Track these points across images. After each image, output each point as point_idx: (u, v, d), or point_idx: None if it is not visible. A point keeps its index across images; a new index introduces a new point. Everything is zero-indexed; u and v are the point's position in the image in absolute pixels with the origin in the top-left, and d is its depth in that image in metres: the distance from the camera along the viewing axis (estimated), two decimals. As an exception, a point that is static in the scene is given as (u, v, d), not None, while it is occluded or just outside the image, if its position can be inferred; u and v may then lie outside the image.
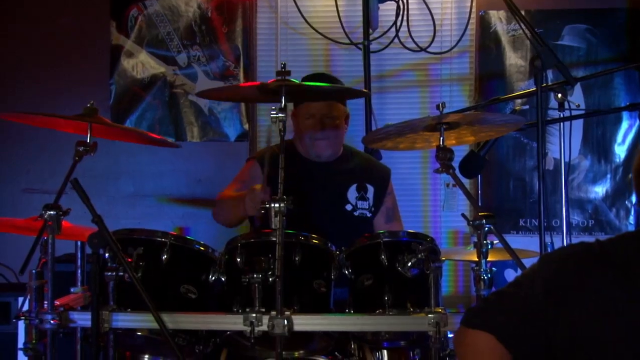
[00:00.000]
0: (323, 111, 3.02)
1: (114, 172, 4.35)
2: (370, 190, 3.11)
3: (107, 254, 2.18)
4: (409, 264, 2.30)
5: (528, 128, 2.90)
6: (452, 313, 2.20)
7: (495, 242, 2.35)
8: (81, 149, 2.35)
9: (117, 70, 4.35)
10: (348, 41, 4.26)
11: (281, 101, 2.23)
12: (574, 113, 2.94)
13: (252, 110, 4.36)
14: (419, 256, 2.28)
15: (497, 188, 4.32)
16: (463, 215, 2.25)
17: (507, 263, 3.54)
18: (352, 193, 3.08)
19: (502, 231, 2.35)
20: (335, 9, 4.24)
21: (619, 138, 4.28)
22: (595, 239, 1.66)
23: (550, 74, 3.60)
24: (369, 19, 3.99)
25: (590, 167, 4.29)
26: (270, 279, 2.13)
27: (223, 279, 2.38)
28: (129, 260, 2.20)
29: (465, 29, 4.28)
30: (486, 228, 2.14)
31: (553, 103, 2.92)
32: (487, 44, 4.31)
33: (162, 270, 2.33)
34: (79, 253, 2.54)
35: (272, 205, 2.09)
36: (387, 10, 4.23)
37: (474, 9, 4.30)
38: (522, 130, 3.33)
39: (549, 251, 2.58)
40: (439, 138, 2.33)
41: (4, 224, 2.67)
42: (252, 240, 2.39)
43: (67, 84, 4.32)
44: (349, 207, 3.07)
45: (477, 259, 2.16)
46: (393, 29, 4.25)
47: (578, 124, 4.20)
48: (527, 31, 2.71)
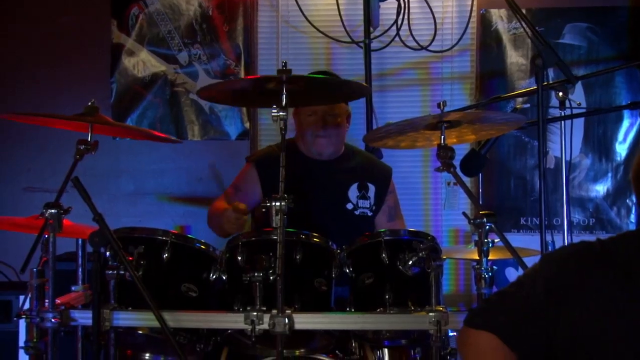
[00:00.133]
0: (325, 109, 3.02)
1: (115, 171, 4.35)
2: (371, 189, 3.11)
3: (108, 253, 2.19)
4: (410, 263, 2.30)
5: (529, 126, 2.90)
6: (453, 312, 2.20)
7: (496, 241, 2.35)
8: (82, 148, 2.35)
9: (118, 68, 4.35)
10: (349, 40, 4.25)
11: (282, 100, 2.22)
12: (575, 111, 2.94)
13: (253, 108, 4.36)
14: (420, 255, 2.27)
15: (498, 186, 4.32)
16: (464, 213, 2.24)
17: (508, 262, 3.53)
18: (353, 192, 3.08)
19: (503, 230, 2.35)
20: (336, 8, 4.23)
21: (620, 136, 4.28)
22: (596, 238, 1.67)
23: (551, 73, 3.60)
24: (370, 18, 3.99)
25: (591, 166, 4.29)
26: (271, 278, 2.12)
27: (224, 278, 2.38)
28: (130, 258, 2.20)
29: (466, 28, 4.28)
30: (487, 226, 2.14)
31: (554, 101, 2.91)
32: (488, 43, 4.31)
33: (163, 268, 2.32)
34: (80, 251, 2.55)
35: (273, 203, 2.09)
36: (388, 8, 4.23)
37: (475, 8, 4.29)
38: (523, 128, 3.33)
39: (550, 250, 2.58)
40: (440, 136, 2.33)
41: (5, 223, 2.66)
42: (253, 238, 2.39)
43: (68, 83, 4.32)
44: (350, 206, 3.06)
45: (478, 258, 2.16)
46: (394, 28, 4.25)
47: (579, 123, 4.20)
48: (528, 29, 2.70)
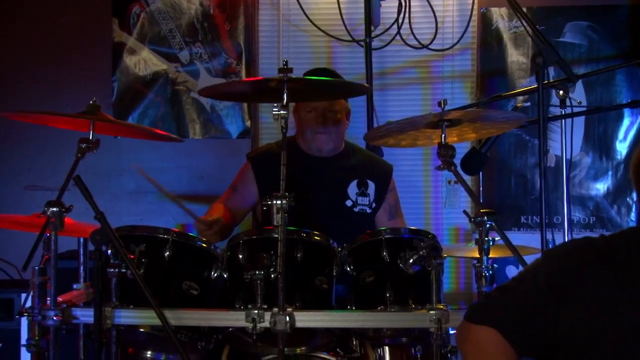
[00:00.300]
0: (325, 105, 3.03)
1: (117, 169, 4.36)
2: (371, 186, 3.11)
3: (110, 251, 2.19)
4: (411, 261, 2.30)
5: (529, 125, 2.90)
6: (454, 310, 2.20)
7: (496, 239, 2.35)
8: (83, 146, 2.36)
9: (120, 67, 4.35)
10: (350, 38, 4.26)
11: (283, 98, 2.23)
12: (576, 110, 2.95)
13: (254, 107, 4.36)
14: (421, 253, 2.27)
15: (499, 185, 4.32)
16: (465, 212, 2.24)
17: (509, 260, 3.54)
18: (353, 189, 3.08)
19: (504, 228, 2.34)
20: (337, 6, 4.23)
21: (621, 135, 4.28)
22: (600, 234, 1.66)
23: (551, 71, 3.59)
24: (371, 16, 4.00)
25: (591, 164, 4.29)
26: (272, 276, 2.13)
27: (225, 276, 2.38)
28: (132, 256, 2.20)
29: (467, 26, 4.28)
30: (488, 225, 2.14)
31: (555, 100, 2.91)
32: (489, 41, 4.31)
33: (165, 266, 2.33)
34: (82, 250, 2.56)
35: (274, 202, 2.10)
36: (389, 7, 4.23)
37: (476, 6, 4.29)
38: (524, 127, 3.32)
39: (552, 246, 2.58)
40: (441, 135, 2.33)
41: (7, 221, 2.67)
42: (254, 237, 2.39)
43: (70, 82, 4.33)
44: (349, 203, 3.07)
45: (479, 256, 2.16)
46: (395, 26, 4.25)
47: (579, 121, 4.20)
48: (529, 28, 2.70)
